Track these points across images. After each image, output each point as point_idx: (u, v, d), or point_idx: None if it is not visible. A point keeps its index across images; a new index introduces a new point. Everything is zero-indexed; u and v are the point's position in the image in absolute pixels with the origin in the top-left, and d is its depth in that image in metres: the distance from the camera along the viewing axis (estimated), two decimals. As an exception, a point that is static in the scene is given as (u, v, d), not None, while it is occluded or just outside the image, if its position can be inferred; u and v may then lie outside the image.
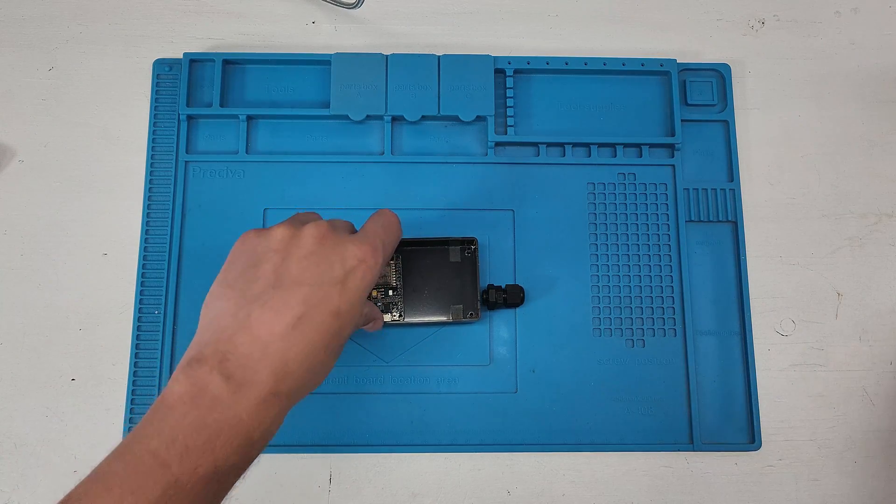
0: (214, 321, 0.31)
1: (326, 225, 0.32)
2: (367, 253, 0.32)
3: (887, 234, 0.48)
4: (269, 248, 0.31)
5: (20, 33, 0.50)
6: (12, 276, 0.46)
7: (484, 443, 0.44)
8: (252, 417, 0.28)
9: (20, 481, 0.43)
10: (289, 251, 0.31)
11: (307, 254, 0.31)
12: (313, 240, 0.31)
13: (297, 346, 0.29)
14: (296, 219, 0.33)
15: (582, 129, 0.49)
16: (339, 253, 0.31)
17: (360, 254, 0.31)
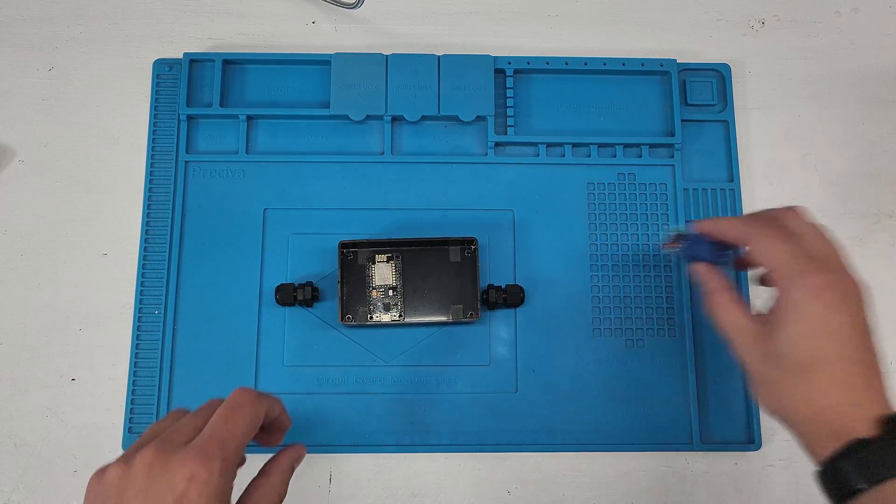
0: None
1: (154, 449, 0.29)
2: (196, 468, 0.29)
3: (887, 234, 0.48)
4: (106, 496, 0.30)
5: (20, 33, 0.50)
6: (12, 276, 0.46)
7: (484, 443, 0.44)
8: None
9: (20, 481, 0.43)
10: (121, 495, 0.29)
11: (137, 492, 0.29)
12: (143, 473, 0.29)
13: None
14: (135, 446, 0.31)
15: (582, 129, 0.49)
16: (167, 480, 0.29)
17: (188, 472, 0.29)
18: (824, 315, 0.33)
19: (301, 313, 0.45)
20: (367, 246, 0.45)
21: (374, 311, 0.44)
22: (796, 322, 0.33)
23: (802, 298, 0.33)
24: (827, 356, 0.32)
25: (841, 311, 0.33)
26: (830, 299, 0.33)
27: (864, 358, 0.33)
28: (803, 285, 0.33)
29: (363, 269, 0.45)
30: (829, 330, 0.33)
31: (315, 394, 0.44)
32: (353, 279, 0.45)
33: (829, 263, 0.34)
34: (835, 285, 0.33)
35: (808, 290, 0.33)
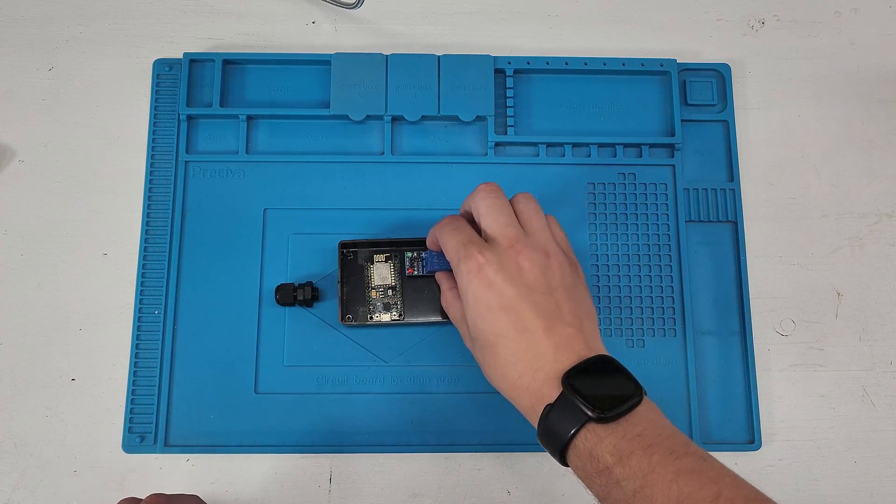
0: None
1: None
2: None
3: (887, 234, 0.48)
4: None
5: (20, 33, 0.50)
6: (12, 276, 0.46)
7: (484, 443, 0.44)
8: None
9: (20, 481, 0.43)
10: None
11: None
12: None
13: None
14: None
15: (582, 129, 0.49)
16: None
17: None
18: (485, 293, 0.34)
19: (301, 313, 0.45)
20: (366, 246, 0.45)
21: (373, 311, 0.44)
22: (469, 306, 0.35)
23: (464, 283, 0.35)
24: (502, 330, 0.34)
25: (501, 284, 0.34)
26: (488, 276, 0.34)
27: (541, 320, 0.34)
28: (463, 271, 0.35)
29: (362, 269, 0.45)
30: (495, 305, 0.34)
31: (315, 394, 0.44)
32: (352, 279, 0.45)
33: (494, 243, 0.36)
34: (491, 261, 0.35)
35: (466, 274, 0.35)
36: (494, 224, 0.36)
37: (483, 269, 0.35)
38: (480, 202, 0.37)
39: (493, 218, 0.36)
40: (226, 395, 0.44)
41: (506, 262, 0.35)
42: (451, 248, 0.37)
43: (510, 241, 0.35)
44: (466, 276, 0.35)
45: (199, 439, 0.43)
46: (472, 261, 0.35)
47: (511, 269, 0.35)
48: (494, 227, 0.36)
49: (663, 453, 0.30)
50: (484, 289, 0.34)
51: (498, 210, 0.37)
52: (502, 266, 0.35)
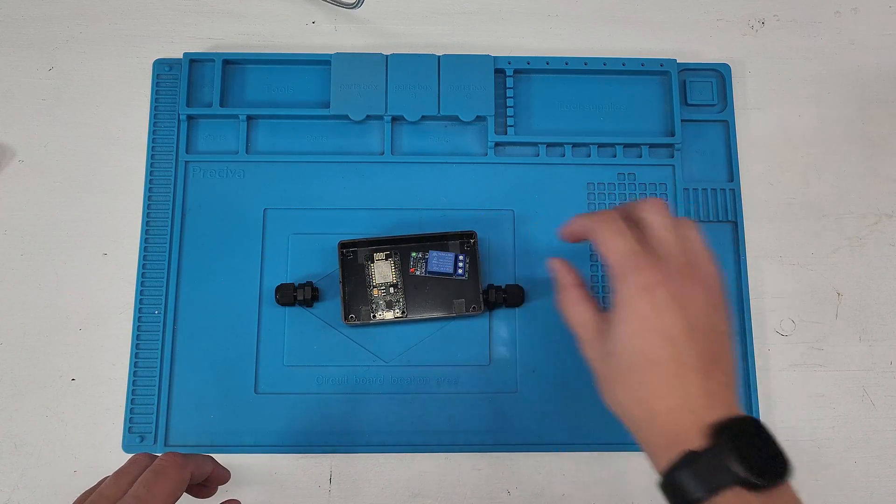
0: None
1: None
2: None
3: (887, 234, 0.48)
4: None
5: (20, 33, 0.50)
6: (12, 276, 0.46)
7: (484, 443, 0.44)
8: None
9: (20, 481, 0.43)
10: None
11: None
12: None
13: None
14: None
15: (582, 129, 0.49)
16: None
17: None
18: (653, 314, 0.32)
19: (301, 313, 0.45)
20: (366, 245, 0.45)
21: (376, 309, 0.44)
22: (626, 320, 0.32)
23: (630, 295, 0.32)
24: (659, 357, 0.31)
25: (671, 311, 0.32)
26: (659, 298, 0.32)
27: (700, 361, 0.31)
28: (633, 282, 0.32)
29: (363, 268, 0.45)
30: (659, 329, 0.31)
31: (315, 394, 0.44)
32: (354, 278, 0.45)
33: (669, 261, 0.33)
34: (665, 283, 0.32)
35: (636, 287, 0.32)
36: (666, 240, 0.34)
37: (656, 288, 0.32)
38: (652, 212, 0.34)
39: (668, 231, 0.34)
40: (226, 395, 0.44)
41: (678, 290, 0.32)
42: (618, 250, 0.33)
43: (682, 268, 0.33)
44: (635, 288, 0.32)
45: (199, 439, 0.43)
46: (645, 275, 0.32)
47: (682, 300, 0.32)
48: (665, 246, 0.33)
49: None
50: (651, 308, 0.32)
51: (672, 229, 0.34)
52: (677, 291, 0.32)
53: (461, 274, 0.44)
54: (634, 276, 0.32)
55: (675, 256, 0.33)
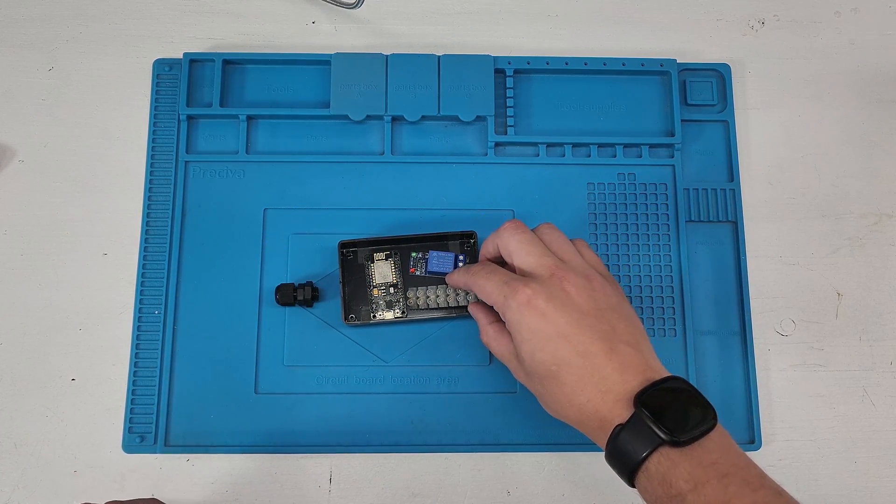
0: None
1: None
2: None
3: (887, 234, 0.48)
4: None
5: (20, 33, 0.50)
6: (12, 276, 0.46)
7: (484, 443, 0.44)
8: None
9: (20, 481, 0.43)
10: None
11: None
12: None
13: None
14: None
15: (582, 129, 0.49)
16: None
17: None
18: (539, 324, 0.34)
19: (301, 313, 0.45)
20: (366, 245, 0.45)
21: (376, 309, 0.44)
22: (524, 340, 0.35)
23: (515, 318, 0.35)
24: (563, 358, 0.34)
25: (555, 314, 0.34)
26: (538, 307, 0.34)
27: (600, 342, 0.34)
28: (513, 306, 0.35)
29: (363, 268, 0.45)
30: (552, 334, 0.34)
31: (315, 394, 0.44)
32: (354, 278, 0.45)
33: (535, 275, 0.36)
34: (539, 292, 0.35)
35: (517, 308, 0.35)
36: (529, 257, 0.36)
37: (532, 300, 0.34)
38: (510, 239, 0.37)
39: (526, 252, 0.37)
40: (226, 395, 0.44)
41: (553, 291, 0.35)
42: (491, 289, 0.36)
43: (550, 270, 0.36)
44: (518, 310, 0.35)
45: (199, 439, 0.43)
46: (520, 294, 0.35)
47: (560, 297, 0.35)
48: (530, 261, 0.36)
49: (739, 484, 0.30)
50: (537, 319, 0.34)
51: (530, 244, 0.37)
52: (551, 295, 0.34)
53: None
54: (512, 299, 0.35)
55: (536, 270, 0.36)
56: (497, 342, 0.39)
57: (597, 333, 0.34)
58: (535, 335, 0.34)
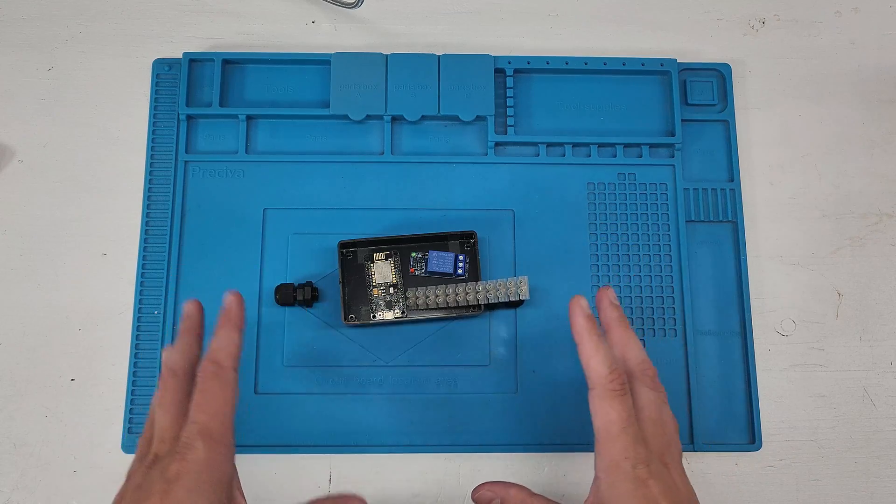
0: None
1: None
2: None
3: (887, 234, 0.48)
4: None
5: (20, 33, 0.50)
6: (12, 276, 0.46)
7: (484, 443, 0.44)
8: None
9: (20, 481, 0.43)
10: None
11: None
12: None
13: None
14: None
15: (582, 129, 0.49)
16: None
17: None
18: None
19: (301, 313, 0.45)
20: (366, 245, 0.45)
21: (376, 309, 0.44)
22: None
23: (625, 490, 0.31)
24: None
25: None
26: (652, 492, 0.31)
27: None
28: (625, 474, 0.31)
29: (363, 268, 0.45)
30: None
31: (315, 394, 0.44)
32: (353, 279, 0.45)
33: (650, 443, 0.32)
34: (652, 476, 0.31)
35: (628, 480, 0.31)
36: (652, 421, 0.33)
37: (648, 481, 0.31)
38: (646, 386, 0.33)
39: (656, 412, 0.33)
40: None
41: (663, 482, 0.31)
42: (609, 418, 0.32)
43: (661, 452, 0.32)
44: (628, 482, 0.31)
45: (199, 439, 0.43)
46: (637, 468, 0.31)
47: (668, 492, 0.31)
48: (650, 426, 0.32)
49: None
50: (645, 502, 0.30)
51: (658, 409, 0.33)
52: (663, 487, 0.31)
53: (461, 274, 0.44)
54: (626, 467, 0.31)
55: (656, 440, 0.32)
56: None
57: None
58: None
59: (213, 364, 0.32)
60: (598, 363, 0.33)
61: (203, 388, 0.31)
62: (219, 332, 0.33)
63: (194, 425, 0.30)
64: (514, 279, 0.43)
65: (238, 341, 0.33)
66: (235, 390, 0.32)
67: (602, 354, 0.33)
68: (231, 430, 0.31)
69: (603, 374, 0.33)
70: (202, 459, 0.29)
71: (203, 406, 0.31)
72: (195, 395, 0.31)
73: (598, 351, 0.33)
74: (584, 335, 0.34)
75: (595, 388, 0.33)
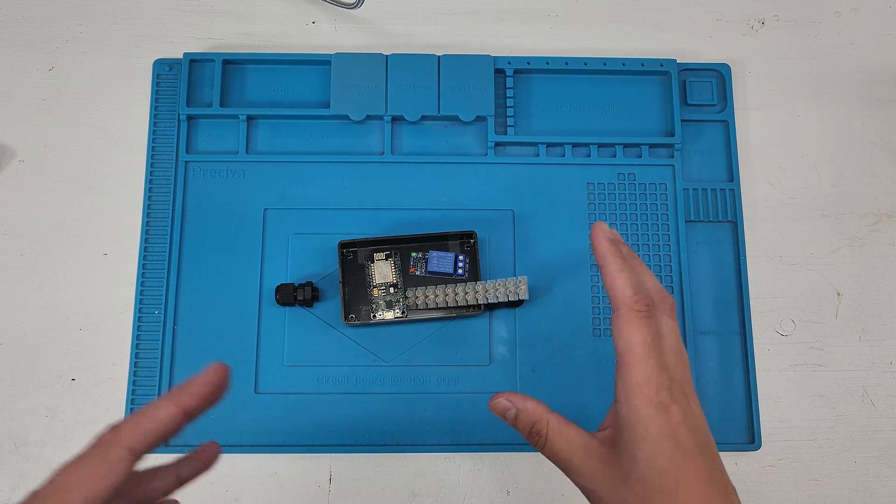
0: None
1: None
2: None
3: (887, 234, 0.48)
4: None
5: (20, 33, 0.50)
6: (12, 276, 0.46)
7: (484, 443, 0.44)
8: None
9: (20, 481, 0.43)
10: None
11: None
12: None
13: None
14: None
15: (582, 129, 0.49)
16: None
17: None
18: (672, 432, 0.30)
19: (301, 313, 0.45)
20: (366, 245, 0.45)
21: (376, 309, 0.44)
22: (646, 438, 0.30)
23: (648, 414, 0.30)
24: (688, 476, 0.29)
25: (686, 430, 0.30)
26: (674, 417, 0.30)
27: (720, 476, 0.30)
28: (647, 398, 0.30)
29: (363, 268, 0.45)
30: (679, 447, 0.30)
31: (315, 394, 0.44)
32: (354, 278, 0.45)
33: (672, 372, 0.31)
34: (675, 401, 0.30)
35: (650, 404, 0.30)
36: (674, 350, 0.32)
37: (670, 406, 0.30)
38: (669, 314, 0.32)
39: (677, 341, 0.32)
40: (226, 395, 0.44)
41: (684, 407, 0.30)
42: (631, 336, 0.31)
43: (683, 383, 0.31)
44: (651, 406, 0.30)
45: (199, 439, 0.43)
46: (658, 392, 0.30)
47: (689, 417, 0.30)
48: (672, 356, 0.31)
49: None
50: (669, 427, 0.30)
51: (679, 339, 0.32)
52: (684, 411, 0.30)
53: (461, 274, 0.44)
54: (649, 391, 0.30)
55: (677, 368, 0.31)
56: (564, 436, 0.32)
57: (716, 469, 0.30)
58: (664, 441, 0.30)
59: (112, 433, 0.26)
60: (623, 283, 0.32)
61: (79, 458, 0.25)
62: (159, 401, 0.28)
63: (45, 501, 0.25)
64: (514, 279, 0.43)
65: (167, 422, 0.27)
66: (120, 475, 0.25)
67: (626, 275, 0.32)
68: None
69: (628, 294, 0.32)
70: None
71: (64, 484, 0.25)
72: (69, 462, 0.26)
73: (623, 272, 0.32)
74: (607, 257, 0.32)
75: (620, 310, 0.31)
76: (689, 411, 0.31)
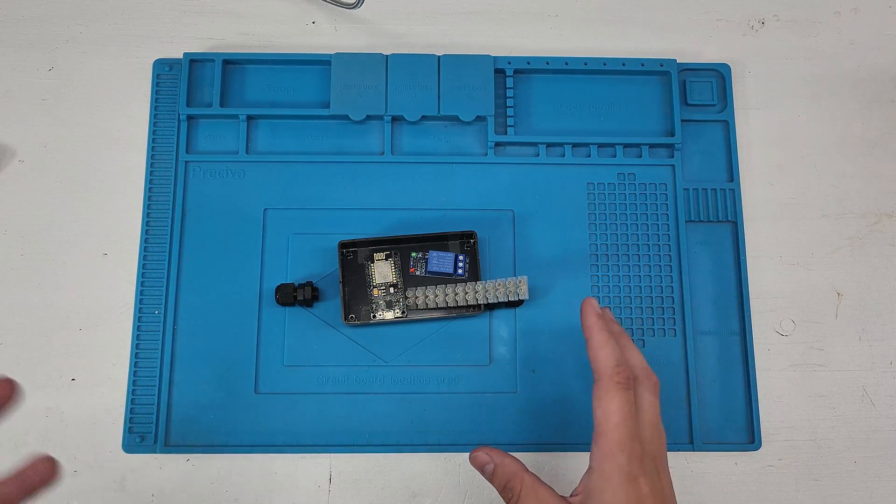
0: None
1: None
2: None
3: (887, 234, 0.48)
4: None
5: (20, 33, 0.50)
6: (12, 276, 0.46)
7: (484, 443, 0.44)
8: None
9: (20, 481, 0.43)
10: None
11: None
12: None
13: None
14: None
15: (582, 129, 0.49)
16: None
17: None
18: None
19: (301, 313, 0.45)
20: (366, 245, 0.45)
21: (376, 309, 0.44)
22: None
23: (617, 483, 0.32)
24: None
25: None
26: (642, 490, 0.32)
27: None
28: (619, 467, 0.32)
29: (363, 268, 0.45)
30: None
31: (315, 394, 0.44)
32: (354, 278, 0.45)
33: (646, 446, 0.33)
34: (643, 474, 0.32)
35: (622, 473, 0.32)
36: (652, 426, 0.34)
37: (638, 479, 0.32)
38: (649, 391, 0.35)
39: (656, 418, 0.34)
40: (226, 395, 0.44)
41: (653, 482, 0.32)
42: (612, 409, 0.32)
43: (656, 457, 0.33)
44: (621, 475, 0.32)
45: (199, 439, 0.43)
46: (631, 464, 0.32)
47: (657, 493, 0.32)
48: (649, 430, 0.34)
49: None
50: (633, 499, 0.32)
51: (658, 417, 0.34)
52: (651, 486, 0.32)
53: (461, 274, 0.44)
54: (620, 459, 0.32)
55: (653, 442, 0.33)
56: (536, 495, 0.35)
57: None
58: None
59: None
60: (606, 355, 0.34)
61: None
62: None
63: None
64: (514, 279, 0.43)
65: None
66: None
67: (610, 348, 0.34)
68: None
69: (610, 365, 0.33)
70: None
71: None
72: None
73: (608, 344, 0.34)
74: (593, 329, 0.34)
75: (601, 380, 0.33)
76: (657, 485, 0.32)
